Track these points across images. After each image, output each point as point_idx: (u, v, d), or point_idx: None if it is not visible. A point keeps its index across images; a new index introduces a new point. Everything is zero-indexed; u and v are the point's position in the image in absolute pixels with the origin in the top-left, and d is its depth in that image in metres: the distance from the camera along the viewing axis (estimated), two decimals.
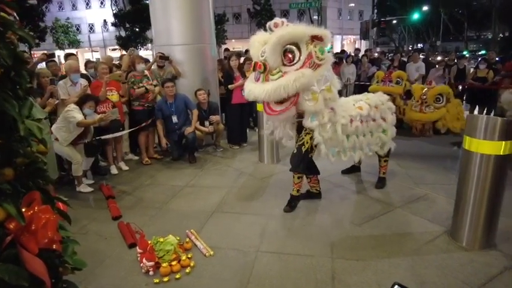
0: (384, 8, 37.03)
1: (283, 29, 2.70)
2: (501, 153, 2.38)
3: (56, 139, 3.78)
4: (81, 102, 3.91)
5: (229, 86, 5.44)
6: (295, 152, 3.16)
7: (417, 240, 2.75)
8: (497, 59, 8.57)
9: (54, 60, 5.27)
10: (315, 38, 2.71)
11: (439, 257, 2.52)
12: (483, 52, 25.09)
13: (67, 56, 5.09)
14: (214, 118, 5.27)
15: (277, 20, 2.79)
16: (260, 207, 3.48)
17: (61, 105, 4.14)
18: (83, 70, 5.49)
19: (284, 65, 2.71)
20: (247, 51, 6.81)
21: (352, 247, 2.70)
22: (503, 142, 2.35)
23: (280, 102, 2.77)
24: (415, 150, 5.24)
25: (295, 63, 2.69)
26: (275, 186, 3.99)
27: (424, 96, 5.90)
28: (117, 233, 3.03)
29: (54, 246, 1.14)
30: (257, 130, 5.09)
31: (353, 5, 35.60)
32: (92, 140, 4.10)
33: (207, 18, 5.55)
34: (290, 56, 2.69)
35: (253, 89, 2.77)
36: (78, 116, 3.78)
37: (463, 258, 2.50)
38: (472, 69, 7.41)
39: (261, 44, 2.80)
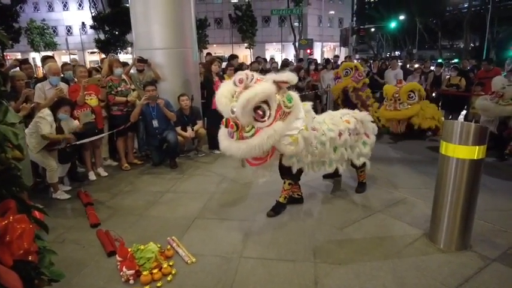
0: (362, 16, 38.08)
1: (251, 90, 2.58)
2: (475, 158, 2.47)
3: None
4: (55, 107, 3.78)
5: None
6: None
7: (397, 243, 2.81)
8: (468, 67, 8.95)
9: (29, 63, 5.10)
10: (282, 83, 2.69)
11: (418, 259, 2.58)
12: (456, 60, 26.19)
13: (45, 59, 4.91)
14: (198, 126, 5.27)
15: (241, 75, 2.67)
16: (242, 212, 3.46)
17: (37, 109, 4.00)
18: None
19: (256, 120, 2.66)
20: (230, 57, 6.83)
21: (335, 251, 2.72)
22: (477, 147, 2.45)
23: None
24: (394, 155, 5.38)
25: (267, 119, 2.66)
26: (257, 191, 3.98)
27: (397, 94, 6.12)
28: (95, 241, 2.94)
29: (30, 258, 1.09)
30: None
31: (333, 12, 36.43)
32: (65, 147, 3.96)
33: (189, 22, 5.52)
34: (260, 113, 2.64)
35: (228, 146, 2.74)
36: (45, 129, 3.62)
37: (440, 259, 2.58)
38: (447, 76, 7.73)
39: (228, 98, 2.71)
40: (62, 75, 4.69)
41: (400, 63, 9.86)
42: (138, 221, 3.34)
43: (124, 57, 24.83)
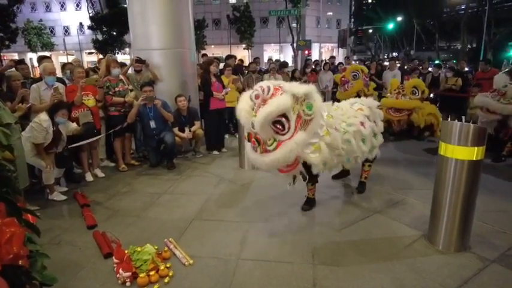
0: (360, 17, 38.17)
1: (267, 107, 2.56)
2: (474, 159, 2.46)
3: None
4: (53, 111, 3.74)
5: (215, 95, 5.43)
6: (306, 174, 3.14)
7: (396, 245, 2.79)
8: (466, 69, 8.98)
9: (25, 63, 5.06)
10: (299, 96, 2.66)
11: (417, 261, 2.56)
12: (453, 61, 26.23)
13: (41, 59, 4.88)
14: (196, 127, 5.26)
15: (257, 90, 2.65)
16: (240, 214, 3.44)
17: (32, 111, 3.96)
18: (59, 73, 5.29)
19: (277, 133, 2.66)
20: (227, 57, 6.82)
21: (333, 253, 2.70)
22: (476, 148, 2.44)
23: None
24: (392, 156, 5.36)
25: (287, 132, 2.64)
26: (256, 192, 3.96)
27: (401, 86, 6.35)
28: (92, 243, 2.91)
29: (20, 262, 1.06)
30: (238, 136, 5.05)
31: (331, 13, 36.44)
32: (62, 151, 3.91)
33: (187, 23, 5.50)
34: (279, 126, 2.63)
35: (255, 160, 2.81)
36: (39, 138, 3.58)
37: (439, 261, 2.56)
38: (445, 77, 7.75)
39: (248, 112, 2.72)
40: (62, 76, 4.66)
41: (398, 64, 9.89)
42: (135, 222, 3.31)
43: (122, 57, 24.75)
